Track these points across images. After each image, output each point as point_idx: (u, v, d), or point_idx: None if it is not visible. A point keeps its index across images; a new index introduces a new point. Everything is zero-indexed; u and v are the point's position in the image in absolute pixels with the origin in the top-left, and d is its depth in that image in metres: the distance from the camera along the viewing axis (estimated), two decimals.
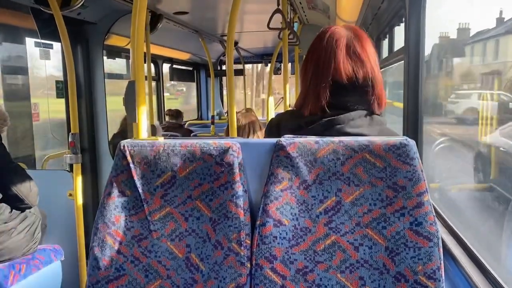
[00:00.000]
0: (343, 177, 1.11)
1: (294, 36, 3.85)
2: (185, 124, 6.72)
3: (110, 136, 3.86)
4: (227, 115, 2.72)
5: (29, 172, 2.52)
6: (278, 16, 3.15)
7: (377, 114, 1.31)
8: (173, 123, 5.78)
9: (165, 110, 6.41)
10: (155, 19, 3.84)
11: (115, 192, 1.23)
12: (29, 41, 3.63)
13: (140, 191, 1.22)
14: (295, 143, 1.14)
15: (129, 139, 1.27)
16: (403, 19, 2.16)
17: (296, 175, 1.13)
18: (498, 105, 3.79)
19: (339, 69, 1.28)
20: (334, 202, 1.12)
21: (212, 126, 6.38)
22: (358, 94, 1.29)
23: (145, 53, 3.73)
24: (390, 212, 1.07)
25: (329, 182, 1.12)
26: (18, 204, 2.34)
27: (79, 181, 2.81)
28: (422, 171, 1.07)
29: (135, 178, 1.22)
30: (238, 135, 2.60)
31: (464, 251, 1.33)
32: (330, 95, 1.29)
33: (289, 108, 2.94)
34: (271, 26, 3.10)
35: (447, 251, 1.36)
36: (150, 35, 3.75)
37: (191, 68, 7.75)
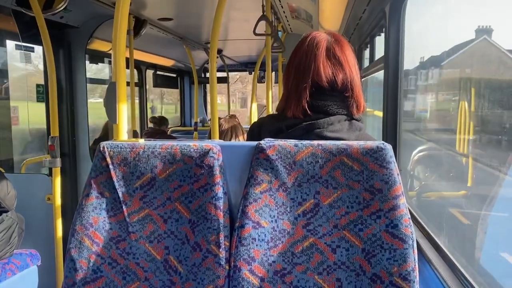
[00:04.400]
0: (322, 180, 1.13)
1: (279, 43, 3.89)
2: (168, 130, 6.69)
3: (91, 141, 3.81)
4: (210, 121, 2.74)
5: (7, 176, 2.47)
6: (262, 24, 3.19)
7: (356, 119, 1.34)
8: (156, 129, 5.74)
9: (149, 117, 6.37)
10: (139, 24, 3.83)
11: (94, 193, 1.22)
12: (10, 44, 3.58)
13: (119, 192, 1.22)
14: (274, 145, 1.15)
15: (109, 141, 1.27)
16: (384, 29, 2.22)
17: (275, 177, 1.15)
18: None
19: (319, 71, 1.32)
20: (312, 204, 1.13)
21: (195, 132, 6.37)
22: (338, 97, 1.32)
23: (128, 58, 3.73)
24: (366, 215, 1.09)
25: (307, 185, 1.13)
26: None
27: (58, 185, 2.76)
28: (398, 174, 1.10)
29: (114, 179, 1.22)
30: (221, 139, 2.61)
31: (438, 254, 1.36)
32: (311, 97, 1.32)
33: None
34: (258, 33, 3.13)
35: (422, 254, 1.38)
36: (134, 40, 3.74)
37: (174, 75, 7.74)
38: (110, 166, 1.21)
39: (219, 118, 2.94)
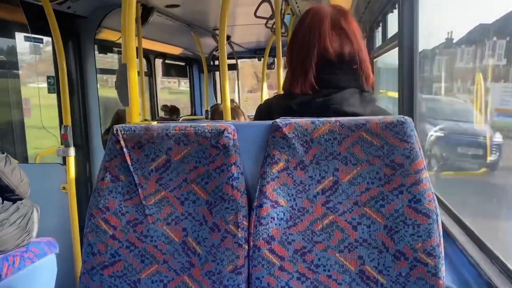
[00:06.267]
0: (340, 157, 1.10)
1: (283, 26, 3.83)
2: (178, 119, 6.69)
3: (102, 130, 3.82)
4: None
5: (22, 166, 2.48)
6: (269, 7, 3.14)
7: (366, 91, 1.31)
8: (166, 118, 5.76)
9: (161, 105, 6.39)
10: (146, 12, 3.80)
11: (109, 177, 1.21)
12: (19, 36, 3.58)
13: (134, 175, 1.20)
14: (291, 123, 1.12)
15: (121, 124, 1.25)
16: (396, 5, 2.16)
17: (292, 155, 1.12)
18: None
19: (325, 44, 1.28)
20: (331, 182, 1.10)
21: (206, 121, 6.36)
22: (346, 70, 1.29)
23: (136, 47, 3.71)
24: (388, 190, 1.06)
25: (326, 162, 1.11)
26: (9, 195, 2.30)
27: (72, 174, 2.78)
28: (420, 148, 1.06)
29: (129, 162, 1.20)
30: None
31: (462, 230, 1.33)
32: (319, 71, 1.28)
33: None
34: (259, 16, 3.08)
35: (445, 232, 1.35)
36: (141, 28, 3.72)
37: (183, 64, 7.71)
38: (124, 149, 1.20)
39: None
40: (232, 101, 3.04)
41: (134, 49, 1.28)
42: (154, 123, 1.25)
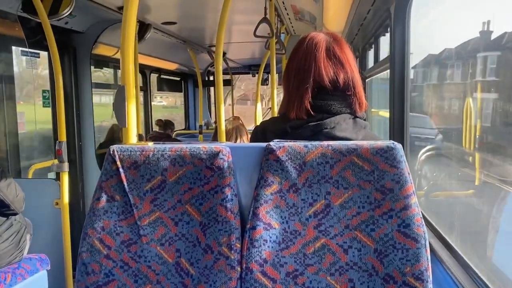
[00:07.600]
0: (332, 180, 1.12)
1: (281, 45, 3.90)
2: (173, 134, 6.70)
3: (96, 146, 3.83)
4: (215, 124, 2.77)
5: (15, 180, 2.48)
6: (265, 26, 3.20)
7: (359, 117, 1.34)
8: (161, 133, 5.76)
9: (155, 120, 6.40)
10: (143, 28, 3.85)
11: (104, 197, 1.22)
12: (16, 50, 3.61)
13: (130, 196, 1.22)
14: (284, 147, 1.15)
15: (118, 144, 1.27)
16: (388, 29, 2.21)
17: (285, 178, 1.14)
18: None
19: (320, 72, 1.32)
20: (323, 205, 1.13)
21: (200, 135, 6.38)
22: (340, 96, 1.33)
23: None
24: (378, 215, 1.09)
25: (318, 185, 1.13)
26: (3, 210, 2.30)
27: (66, 189, 2.78)
28: (409, 173, 1.09)
29: (125, 182, 1.22)
30: (226, 139, 2.64)
31: (450, 254, 1.36)
32: (313, 97, 1.32)
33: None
34: (258, 35, 3.15)
35: (433, 254, 1.38)
36: (138, 44, 3.76)
37: (178, 79, 7.76)
38: (120, 170, 1.22)
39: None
40: (237, 118, 3.06)
41: (132, 72, 1.31)
42: (150, 144, 1.28)
